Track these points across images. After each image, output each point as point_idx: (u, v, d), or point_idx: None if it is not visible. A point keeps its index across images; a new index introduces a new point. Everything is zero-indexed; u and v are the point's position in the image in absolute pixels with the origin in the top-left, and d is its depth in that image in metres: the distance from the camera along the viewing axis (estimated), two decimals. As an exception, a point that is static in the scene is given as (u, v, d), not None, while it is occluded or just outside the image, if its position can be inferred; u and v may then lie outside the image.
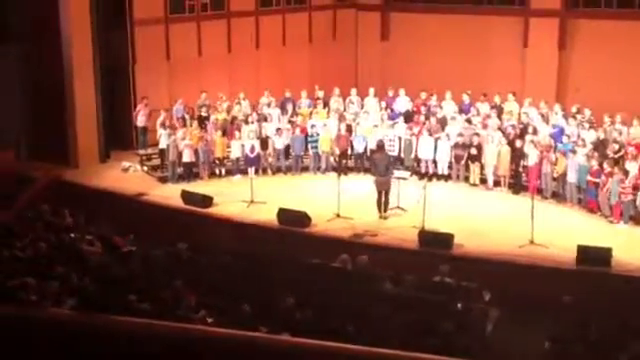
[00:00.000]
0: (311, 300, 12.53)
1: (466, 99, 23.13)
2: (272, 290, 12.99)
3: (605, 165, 19.00)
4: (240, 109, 23.19)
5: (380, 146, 19.39)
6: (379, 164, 18.51)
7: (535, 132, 21.30)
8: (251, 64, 26.36)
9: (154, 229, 17.58)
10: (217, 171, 21.86)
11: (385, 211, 18.33)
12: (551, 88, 25.51)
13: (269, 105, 23.31)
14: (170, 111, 22.95)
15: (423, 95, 23.69)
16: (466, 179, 21.23)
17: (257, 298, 12.44)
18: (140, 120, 23.01)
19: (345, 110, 23.43)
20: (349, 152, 22.03)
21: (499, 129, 21.36)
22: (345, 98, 23.96)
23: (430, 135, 21.57)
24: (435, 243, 16.77)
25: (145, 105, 22.98)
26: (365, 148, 21.70)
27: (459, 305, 12.87)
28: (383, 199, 18.45)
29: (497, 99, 23.13)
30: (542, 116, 22.30)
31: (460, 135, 21.37)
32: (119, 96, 23.68)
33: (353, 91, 24.21)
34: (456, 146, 21.16)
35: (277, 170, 22.13)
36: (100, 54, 22.50)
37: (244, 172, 21.48)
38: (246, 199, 19.47)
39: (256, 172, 21.39)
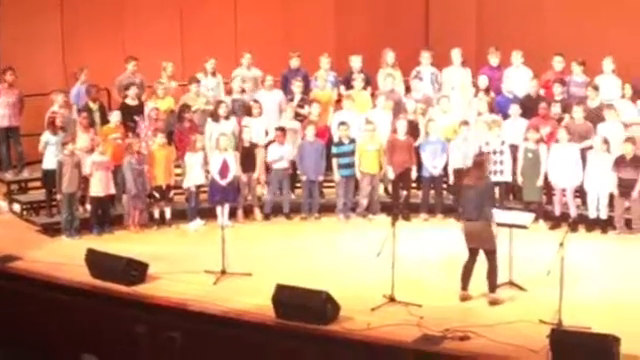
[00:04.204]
0: None
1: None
2: None
3: None
4: (199, 91, 17.55)
5: (479, 163, 14.12)
6: (469, 197, 13.76)
7: None
8: (225, 5, 20.99)
9: (34, 329, 14.00)
10: (156, 213, 17.07)
11: (492, 290, 13.61)
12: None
13: (256, 83, 18.00)
14: (67, 95, 17.46)
15: (558, 63, 17.27)
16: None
17: None
18: (2, 115, 17.56)
19: (407, 93, 17.86)
20: (414, 174, 16.98)
21: None
22: (407, 70, 18.26)
23: (572, 140, 16.35)
24: (578, 351, 12.21)
25: (11, 84, 17.41)
26: (445, 167, 16.79)
27: None
28: (487, 266, 13.41)
29: None
30: None
31: (631, 141, 16.17)
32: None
33: (424, 57, 18.22)
34: (621, 165, 16.02)
35: (273, 211, 17.47)
36: None
37: (209, 215, 17.12)
38: (213, 268, 15.02)
39: (232, 214, 17.11)
